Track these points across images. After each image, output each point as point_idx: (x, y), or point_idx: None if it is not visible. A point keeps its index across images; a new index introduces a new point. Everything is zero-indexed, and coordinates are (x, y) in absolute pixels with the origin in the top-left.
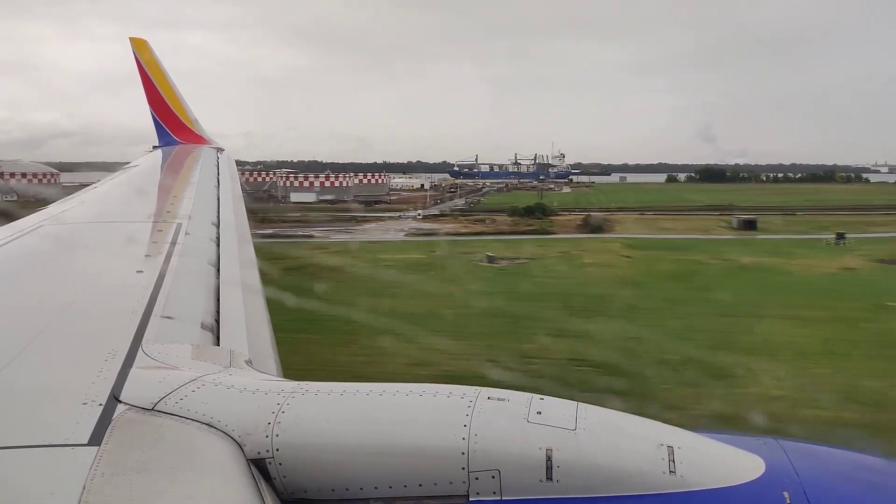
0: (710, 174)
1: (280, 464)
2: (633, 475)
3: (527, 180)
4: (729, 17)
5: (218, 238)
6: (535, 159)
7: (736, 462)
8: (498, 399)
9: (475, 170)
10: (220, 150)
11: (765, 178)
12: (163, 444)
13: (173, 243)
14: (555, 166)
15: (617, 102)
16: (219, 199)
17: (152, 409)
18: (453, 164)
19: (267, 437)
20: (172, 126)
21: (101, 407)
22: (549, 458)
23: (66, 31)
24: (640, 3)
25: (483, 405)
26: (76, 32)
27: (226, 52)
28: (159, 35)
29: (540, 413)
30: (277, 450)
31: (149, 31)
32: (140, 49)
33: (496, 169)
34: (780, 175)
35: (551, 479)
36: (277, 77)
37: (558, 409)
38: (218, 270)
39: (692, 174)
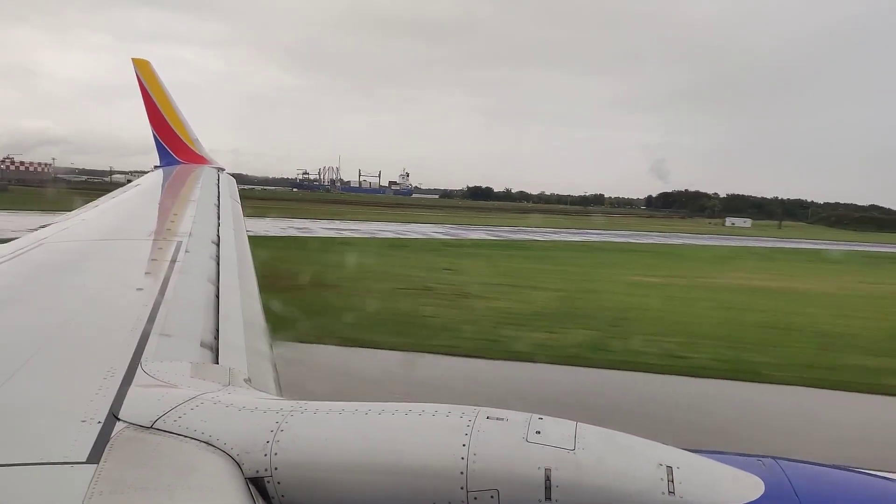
0: (477, 193)
1: (278, 482)
2: (631, 495)
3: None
4: (703, 58)
5: (218, 256)
6: (320, 173)
7: (735, 482)
8: (497, 419)
9: (315, 182)
10: (220, 169)
11: (539, 202)
12: (161, 463)
13: (173, 261)
14: (398, 184)
15: (583, 134)
16: (219, 218)
17: (151, 426)
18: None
19: (265, 455)
20: (174, 146)
21: (100, 425)
22: (547, 478)
23: (59, 40)
24: (624, 40)
25: (482, 425)
26: (68, 41)
27: (216, 68)
28: (150, 48)
29: (539, 433)
30: (276, 468)
31: (139, 43)
32: (143, 70)
33: (338, 184)
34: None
35: (550, 498)
36: (268, 95)
37: (557, 429)
38: (217, 288)
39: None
